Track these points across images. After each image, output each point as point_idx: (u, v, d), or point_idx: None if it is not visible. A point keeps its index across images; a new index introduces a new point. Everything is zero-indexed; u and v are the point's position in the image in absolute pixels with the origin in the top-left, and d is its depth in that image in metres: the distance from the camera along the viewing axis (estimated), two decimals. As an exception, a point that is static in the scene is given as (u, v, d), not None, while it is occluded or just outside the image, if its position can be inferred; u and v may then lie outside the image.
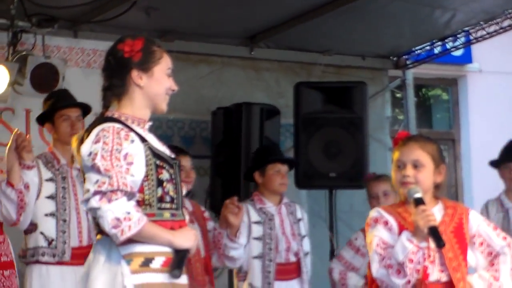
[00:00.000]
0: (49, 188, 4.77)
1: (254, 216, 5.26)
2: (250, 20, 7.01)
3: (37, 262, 4.74)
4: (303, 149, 6.72)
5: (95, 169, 2.80)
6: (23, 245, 4.89)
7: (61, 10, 6.21)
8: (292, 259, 5.33)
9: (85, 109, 5.07)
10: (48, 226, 4.76)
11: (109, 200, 2.74)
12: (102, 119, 2.97)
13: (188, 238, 2.92)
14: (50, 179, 4.79)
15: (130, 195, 2.80)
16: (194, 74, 6.71)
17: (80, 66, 6.43)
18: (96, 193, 2.76)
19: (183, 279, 3.00)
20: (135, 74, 2.89)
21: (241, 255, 4.96)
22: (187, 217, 3.25)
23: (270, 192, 5.36)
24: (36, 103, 6.04)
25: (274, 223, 5.38)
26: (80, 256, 4.73)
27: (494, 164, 6.04)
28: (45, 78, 6.00)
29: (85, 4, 6.21)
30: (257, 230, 5.24)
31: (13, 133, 4.79)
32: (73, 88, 5.83)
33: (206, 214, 5.14)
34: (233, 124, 6.75)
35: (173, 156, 3.11)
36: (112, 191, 2.73)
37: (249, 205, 5.30)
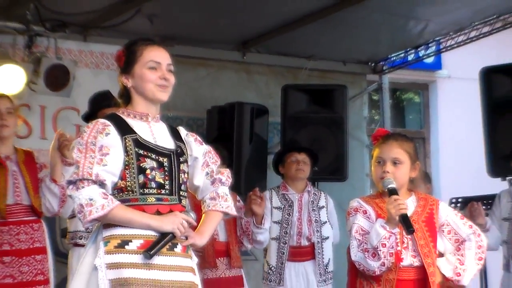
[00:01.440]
0: None
1: (276, 202, 5.50)
2: (242, 28, 7.07)
3: (76, 244, 4.99)
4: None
5: (74, 161, 2.95)
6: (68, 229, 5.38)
7: (72, 17, 6.32)
8: (304, 243, 5.50)
9: None
10: None
11: (77, 188, 2.81)
12: (112, 110, 3.17)
13: (170, 222, 2.90)
14: None
15: (100, 183, 2.85)
16: (192, 76, 6.77)
17: (89, 67, 6.47)
18: (68, 182, 2.90)
19: (169, 260, 2.98)
20: (123, 78, 3.01)
21: (266, 238, 5.19)
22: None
23: (290, 180, 5.54)
24: (50, 100, 6.30)
25: (293, 209, 5.59)
26: None
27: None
28: (57, 77, 6.10)
29: (94, 12, 6.34)
30: (277, 215, 5.46)
31: (56, 132, 4.93)
32: (83, 87, 6.17)
33: (239, 204, 5.19)
34: (226, 121, 6.85)
35: (171, 147, 3.03)
36: (80, 180, 2.80)
37: (274, 191, 5.56)
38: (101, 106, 5.04)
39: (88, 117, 5.22)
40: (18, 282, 4.65)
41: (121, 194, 2.92)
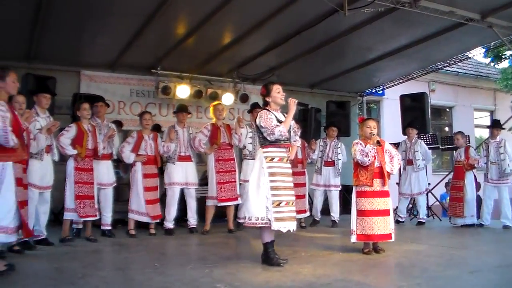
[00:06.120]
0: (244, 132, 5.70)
1: (320, 143, 6.50)
2: (311, 79, 9.00)
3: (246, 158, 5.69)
4: (329, 124, 7.42)
5: (261, 126, 3.78)
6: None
7: (250, 76, 8.25)
8: (330, 160, 6.68)
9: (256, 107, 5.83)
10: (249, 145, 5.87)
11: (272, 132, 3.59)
12: (263, 108, 3.84)
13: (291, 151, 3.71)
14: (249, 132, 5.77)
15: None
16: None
17: (255, 94, 8.23)
18: (266, 129, 3.70)
19: (289, 168, 3.90)
20: (265, 97, 3.89)
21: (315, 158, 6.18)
22: (295, 140, 3.93)
23: (328, 136, 6.78)
24: (240, 106, 8.33)
25: (327, 146, 6.69)
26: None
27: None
28: (243, 98, 8.27)
29: (257, 74, 8.14)
30: (320, 148, 6.54)
31: (237, 116, 6.67)
32: (252, 100, 7.23)
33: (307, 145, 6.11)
34: (306, 113, 8.25)
35: (282, 119, 3.84)
36: (269, 128, 3.67)
37: (321, 140, 6.44)
38: (255, 106, 6.11)
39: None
40: (228, 169, 5.86)
41: None
